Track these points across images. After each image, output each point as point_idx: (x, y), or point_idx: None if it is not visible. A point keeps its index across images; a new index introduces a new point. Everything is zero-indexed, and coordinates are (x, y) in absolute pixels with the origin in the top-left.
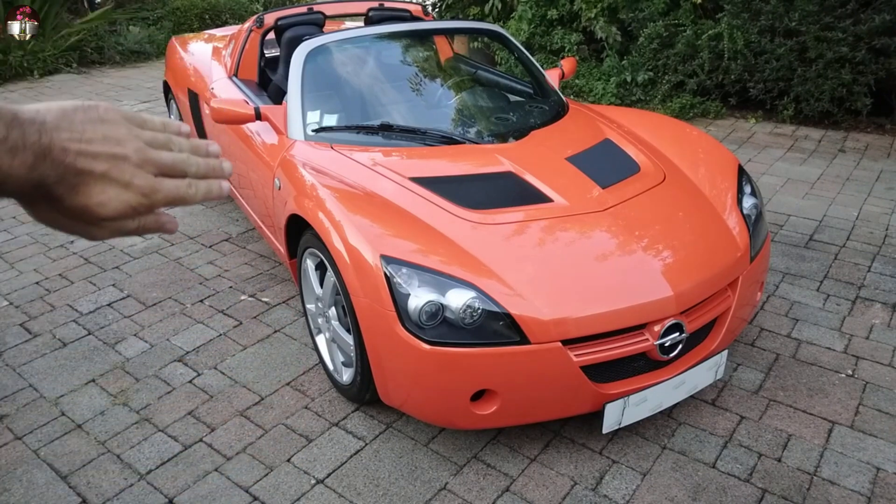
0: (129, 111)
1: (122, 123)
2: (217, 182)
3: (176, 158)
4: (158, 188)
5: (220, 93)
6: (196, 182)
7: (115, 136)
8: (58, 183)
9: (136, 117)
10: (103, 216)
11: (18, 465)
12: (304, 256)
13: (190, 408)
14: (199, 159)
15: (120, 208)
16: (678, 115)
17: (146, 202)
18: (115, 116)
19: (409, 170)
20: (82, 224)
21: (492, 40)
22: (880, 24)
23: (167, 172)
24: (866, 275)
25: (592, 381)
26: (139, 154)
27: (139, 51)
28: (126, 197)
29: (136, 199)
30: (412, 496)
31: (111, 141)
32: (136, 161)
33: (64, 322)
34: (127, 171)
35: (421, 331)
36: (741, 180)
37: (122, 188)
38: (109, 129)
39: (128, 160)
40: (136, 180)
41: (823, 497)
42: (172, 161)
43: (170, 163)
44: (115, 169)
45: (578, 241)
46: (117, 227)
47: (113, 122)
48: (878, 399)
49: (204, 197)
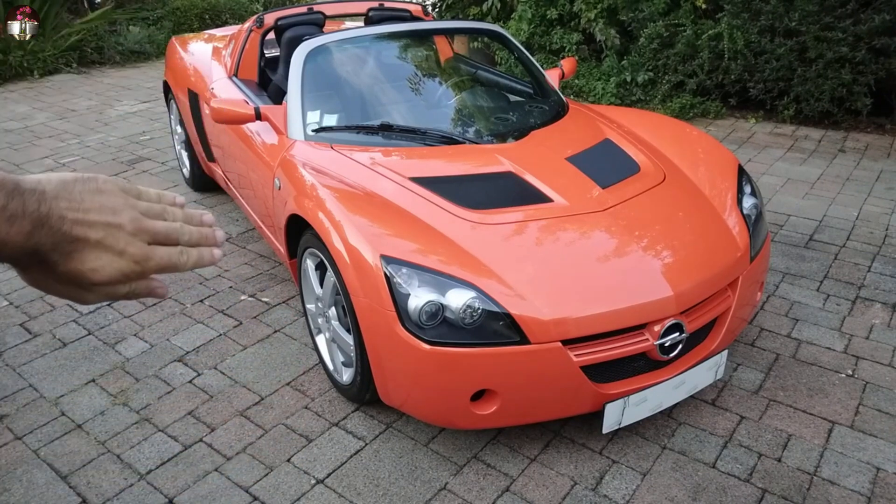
0: (126, 183)
1: (119, 194)
2: (209, 250)
3: (169, 228)
4: (151, 256)
5: (220, 93)
6: (188, 250)
7: (111, 205)
8: (53, 250)
9: (133, 189)
10: (96, 281)
11: (18, 465)
12: (304, 256)
13: (190, 408)
14: (193, 228)
15: (113, 274)
16: (678, 115)
17: (138, 269)
18: (113, 188)
19: (409, 170)
20: (74, 288)
21: (492, 40)
22: (880, 24)
23: (160, 241)
24: (866, 275)
25: (592, 381)
26: (134, 223)
27: (139, 51)
28: (119, 264)
29: (128, 267)
30: (412, 496)
31: (107, 210)
32: (130, 230)
33: (64, 322)
34: (121, 240)
35: (421, 331)
36: (741, 180)
37: (116, 255)
38: (107, 199)
39: (122, 229)
40: (129, 248)
41: (823, 497)
42: (166, 230)
43: (163, 232)
44: (109, 237)
45: (578, 241)
46: (109, 291)
47: (110, 192)
48: (878, 399)
49: (195, 264)
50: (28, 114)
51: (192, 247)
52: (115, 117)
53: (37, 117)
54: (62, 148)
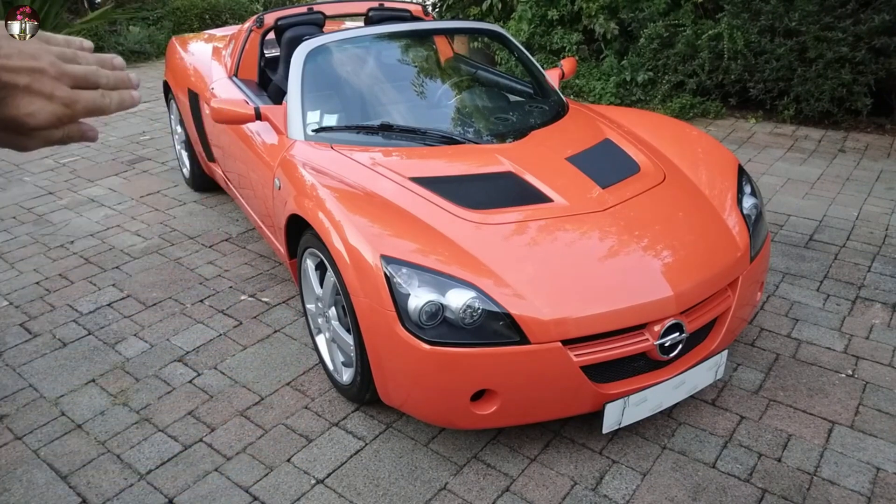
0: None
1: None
2: (128, 92)
3: (87, 70)
4: (77, 98)
5: (220, 93)
6: (109, 93)
7: (29, 51)
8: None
9: (42, 34)
10: (33, 126)
11: (18, 465)
12: (304, 256)
13: (190, 408)
14: (108, 72)
15: (48, 118)
16: (678, 115)
17: (69, 112)
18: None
19: (409, 170)
20: (14, 135)
21: (492, 40)
22: (880, 24)
23: (81, 84)
24: (866, 275)
25: (592, 381)
26: (54, 67)
27: (139, 51)
28: (51, 108)
29: (59, 110)
30: (412, 496)
31: (27, 55)
32: (53, 74)
33: (64, 322)
34: (47, 84)
35: (421, 331)
36: (741, 180)
37: (47, 100)
38: (23, 44)
39: (45, 73)
40: (56, 92)
41: (823, 497)
42: (84, 73)
43: (82, 74)
44: (36, 82)
45: (578, 241)
46: (45, 136)
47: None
48: (878, 399)
49: (118, 106)
50: None
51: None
52: (115, 117)
53: None
54: (62, 148)
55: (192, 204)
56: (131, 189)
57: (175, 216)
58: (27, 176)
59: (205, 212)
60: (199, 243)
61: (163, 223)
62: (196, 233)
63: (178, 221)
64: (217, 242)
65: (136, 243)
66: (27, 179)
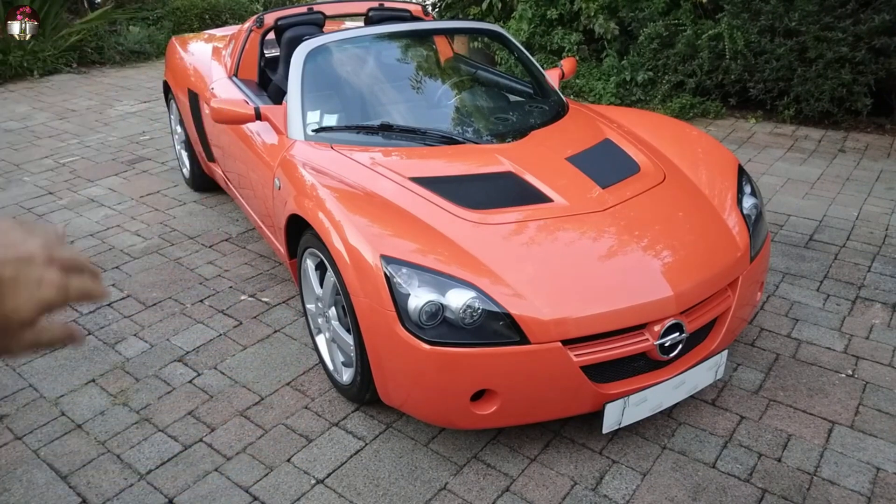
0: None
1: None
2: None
3: (73, 253)
4: (67, 283)
5: (220, 93)
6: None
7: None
8: None
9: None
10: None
11: (18, 465)
12: (304, 256)
13: (190, 408)
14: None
15: (35, 307)
16: (678, 115)
17: (61, 296)
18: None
19: (409, 170)
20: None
21: (492, 40)
22: (880, 24)
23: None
24: (866, 275)
25: (592, 381)
26: (45, 251)
27: (139, 51)
28: (40, 294)
29: (50, 295)
30: (412, 496)
31: (11, 246)
32: (43, 258)
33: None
34: (36, 270)
35: (421, 331)
36: (741, 180)
37: (34, 287)
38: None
39: (34, 259)
40: (47, 275)
41: (823, 497)
42: (72, 257)
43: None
44: (24, 270)
45: (578, 241)
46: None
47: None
48: (878, 399)
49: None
50: (28, 114)
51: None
52: (114, 117)
53: (37, 117)
54: (62, 148)
55: (192, 204)
56: (131, 189)
57: (175, 216)
58: (27, 176)
59: (205, 212)
60: (199, 243)
61: (163, 223)
62: (196, 233)
63: (178, 221)
64: (217, 242)
65: (135, 243)
66: (27, 179)
